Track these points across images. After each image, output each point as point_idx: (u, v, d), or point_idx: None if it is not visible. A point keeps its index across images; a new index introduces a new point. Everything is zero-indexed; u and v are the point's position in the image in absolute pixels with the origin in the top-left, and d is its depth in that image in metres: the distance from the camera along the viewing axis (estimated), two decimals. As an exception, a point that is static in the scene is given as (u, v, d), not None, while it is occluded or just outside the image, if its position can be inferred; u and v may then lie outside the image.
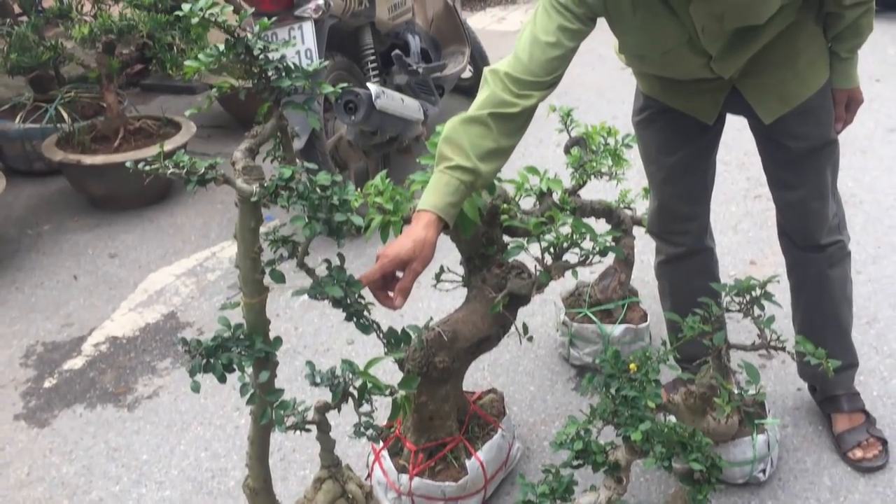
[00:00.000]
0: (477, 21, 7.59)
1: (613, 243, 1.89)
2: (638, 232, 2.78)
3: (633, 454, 1.68)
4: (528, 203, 2.28)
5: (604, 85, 5.52)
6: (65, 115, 4.31)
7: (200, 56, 1.46)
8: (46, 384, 2.78)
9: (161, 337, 3.00)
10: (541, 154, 4.50)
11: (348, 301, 1.55)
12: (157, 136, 4.07)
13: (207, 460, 2.38)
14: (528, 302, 2.06)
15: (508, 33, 7.01)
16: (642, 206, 2.81)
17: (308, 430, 1.84)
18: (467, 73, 5.29)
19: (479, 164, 1.74)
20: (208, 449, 2.43)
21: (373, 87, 3.27)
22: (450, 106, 5.29)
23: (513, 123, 1.81)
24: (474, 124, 1.78)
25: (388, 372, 2.53)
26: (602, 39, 2.17)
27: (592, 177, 2.57)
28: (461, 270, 2.20)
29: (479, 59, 5.13)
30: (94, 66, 3.85)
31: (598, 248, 1.87)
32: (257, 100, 1.50)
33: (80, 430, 2.54)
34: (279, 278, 1.54)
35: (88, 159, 3.84)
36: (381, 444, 2.18)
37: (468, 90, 5.42)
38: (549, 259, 1.96)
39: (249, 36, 1.42)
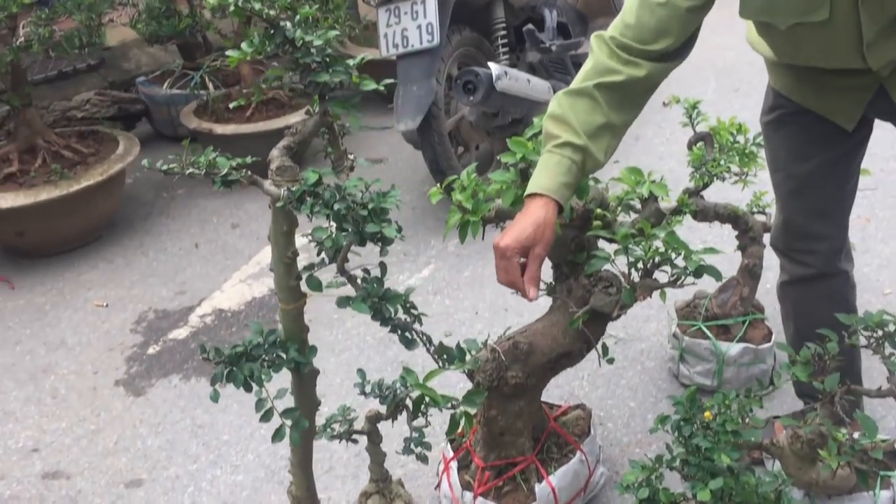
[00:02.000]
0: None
1: (709, 263, 1.64)
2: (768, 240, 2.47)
3: (705, 513, 1.46)
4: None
5: (770, 64, 5.04)
6: (208, 82, 4.41)
7: (243, 45, 1.36)
8: (150, 351, 2.84)
9: (264, 314, 3.00)
10: (658, 152, 4.15)
11: (385, 315, 1.41)
12: (288, 107, 4.09)
13: (283, 448, 2.33)
14: (613, 319, 1.85)
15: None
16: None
17: (356, 442, 1.75)
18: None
19: (588, 142, 1.57)
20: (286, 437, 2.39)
21: (494, 67, 3.09)
22: (596, 83, 5.01)
23: (619, 94, 1.61)
24: (580, 97, 1.61)
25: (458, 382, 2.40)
26: None
27: (717, 178, 2.29)
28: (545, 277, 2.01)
29: (629, 35, 4.80)
30: (230, 35, 3.90)
31: (690, 269, 1.63)
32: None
33: (171, 403, 2.58)
34: (316, 286, 1.42)
35: (220, 128, 3.91)
36: (452, 454, 2.05)
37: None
38: (635, 276, 1.74)
39: (288, 25, 1.30)
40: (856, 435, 1.69)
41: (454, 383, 2.47)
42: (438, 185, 1.92)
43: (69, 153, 3.55)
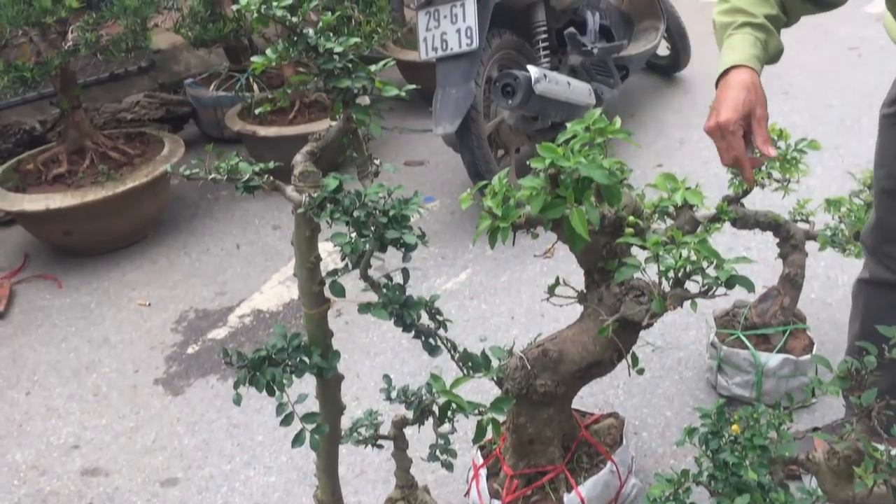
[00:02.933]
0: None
1: (741, 274, 1.60)
2: (812, 248, 2.41)
3: (732, 530, 1.42)
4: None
5: (824, 68, 4.93)
6: (254, 85, 4.47)
7: (268, 52, 1.37)
8: (189, 351, 2.88)
9: (300, 315, 3.01)
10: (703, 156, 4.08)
11: (407, 322, 1.40)
12: (330, 110, 4.11)
13: (315, 450, 2.36)
14: (644, 328, 1.82)
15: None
16: (822, 220, 2.44)
17: (381, 447, 1.75)
18: (664, 51, 4.93)
19: (766, 21, 1.58)
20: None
21: (533, 70, 3.07)
22: (642, 86, 4.96)
23: None
24: None
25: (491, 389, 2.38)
26: (832, 13, 1.85)
27: (757, 184, 2.24)
28: (576, 283, 1.99)
29: (676, 36, 4.75)
30: (274, 39, 3.94)
31: (721, 279, 1.59)
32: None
33: (208, 403, 2.61)
34: (339, 292, 1.41)
35: (263, 130, 3.95)
36: (482, 461, 2.04)
37: (665, 69, 5.06)
38: (666, 285, 1.70)
39: (311, 32, 1.30)
40: (894, 452, 1.63)
41: (487, 389, 2.45)
42: (469, 190, 1.91)
43: (116, 154, 3.62)
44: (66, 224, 3.43)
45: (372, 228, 1.28)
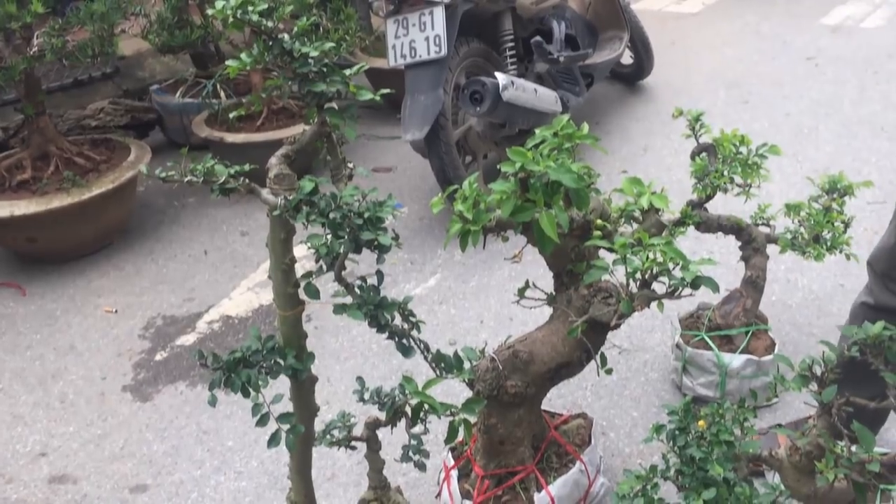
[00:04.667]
0: (654, 2, 7.18)
1: (706, 275, 1.64)
2: (772, 251, 2.48)
3: (699, 524, 1.46)
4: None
5: (783, 77, 5.04)
6: (221, 92, 4.45)
7: (242, 56, 1.39)
8: (158, 357, 2.87)
9: (271, 321, 3.02)
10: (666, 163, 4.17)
11: (381, 322, 1.42)
12: (298, 116, 4.12)
13: (286, 455, 2.32)
14: (612, 329, 1.86)
15: (686, 15, 6.56)
16: (782, 224, 2.50)
17: (354, 449, 1.76)
18: (628, 60, 5.01)
19: None
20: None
21: (501, 78, 3.11)
22: (607, 94, 5.04)
23: None
24: None
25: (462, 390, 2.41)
26: (790, 25, 1.89)
27: (719, 189, 2.30)
28: (545, 286, 2.02)
29: (639, 45, 4.82)
30: (241, 45, 3.94)
31: (687, 280, 1.64)
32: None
33: (177, 409, 2.60)
34: (314, 294, 1.43)
35: (231, 137, 3.94)
36: (453, 462, 2.06)
37: (629, 78, 5.14)
38: (633, 286, 1.74)
39: (286, 37, 1.32)
40: (854, 447, 1.68)
41: (458, 392, 2.47)
42: (440, 195, 1.94)
43: (82, 160, 3.59)
44: (30, 231, 3.39)
45: (347, 230, 1.30)
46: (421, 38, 3.17)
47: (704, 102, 4.67)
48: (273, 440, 1.39)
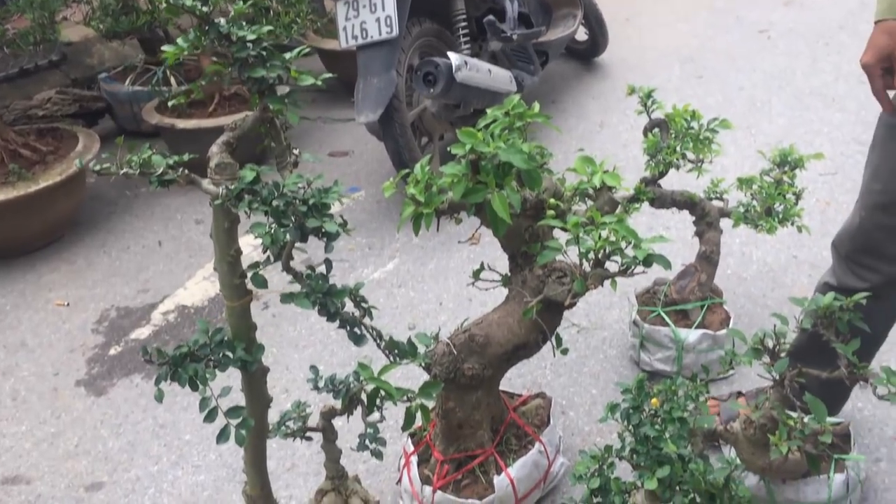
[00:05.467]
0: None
1: (659, 252, 1.64)
2: (727, 225, 2.49)
3: (655, 500, 1.46)
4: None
5: (736, 51, 5.07)
6: (171, 78, 4.36)
7: (179, 41, 1.34)
8: (112, 352, 2.81)
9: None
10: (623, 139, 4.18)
11: (331, 310, 1.40)
12: (251, 102, 4.05)
13: (245, 446, 2.33)
14: (567, 308, 1.85)
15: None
16: (736, 198, 2.51)
17: (310, 440, 1.74)
18: (583, 37, 5.00)
19: None
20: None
21: (454, 58, 3.08)
22: (563, 72, 5.03)
23: None
24: None
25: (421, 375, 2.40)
26: (743, 1, 1.89)
27: (672, 165, 2.30)
28: (502, 268, 2.01)
29: (593, 21, 4.82)
30: (189, 30, 3.85)
31: (639, 258, 1.63)
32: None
33: (132, 403, 2.55)
34: (261, 283, 1.40)
35: (182, 123, 3.87)
36: (413, 448, 2.05)
37: (584, 55, 5.13)
38: (587, 265, 1.74)
39: (223, 21, 1.28)
40: (807, 419, 1.70)
41: (417, 376, 2.46)
42: (392, 178, 1.91)
43: (27, 152, 3.50)
44: (-25, 226, 3.30)
45: (292, 218, 1.27)
46: (372, 18, 3.12)
47: (659, 78, 4.68)
48: (222, 435, 1.36)
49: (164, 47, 1.36)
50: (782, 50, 4.99)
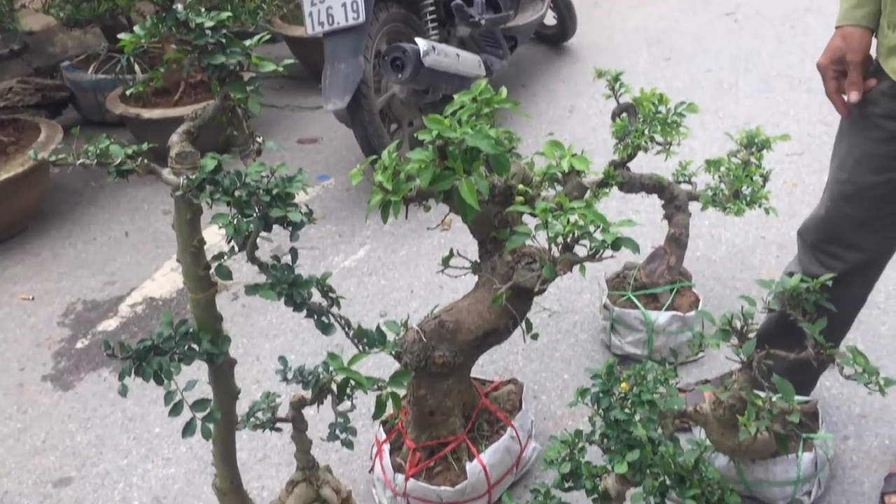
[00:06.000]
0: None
1: (627, 235, 1.64)
2: (696, 208, 2.50)
3: (625, 484, 1.47)
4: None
5: (703, 33, 5.08)
6: (136, 66, 4.30)
7: (136, 29, 1.31)
8: (79, 345, 2.77)
9: (196, 301, 2.94)
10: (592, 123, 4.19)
11: (297, 301, 1.38)
12: (212, 90, 3.99)
13: (216, 438, 2.31)
14: (537, 294, 1.85)
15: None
16: (703, 180, 2.52)
17: (280, 430, 1.72)
18: (552, 21, 4.99)
19: None
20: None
21: (422, 43, 3.05)
22: (532, 56, 5.02)
23: None
24: None
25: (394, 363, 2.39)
26: None
27: (640, 149, 2.30)
28: (474, 254, 2.00)
29: (562, 5, 4.80)
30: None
31: (608, 241, 1.63)
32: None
33: (100, 396, 2.52)
34: (226, 275, 1.38)
35: (147, 113, 3.81)
36: (385, 436, 2.04)
37: (553, 39, 5.12)
38: (556, 251, 1.73)
39: (180, 7, 1.26)
40: (775, 398, 1.71)
41: (389, 364, 2.45)
42: (359, 165, 1.90)
43: (-12, 144, 3.43)
44: (-64, 219, 3.24)
45: (255, 208, 1.25)
46: (338, 4, 3.09)
47: (628, 61, 4.69)
48: (188, 429, 1.35)
49: (121, 35, 1.33)
50: (749, 32, 5.01)
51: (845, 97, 1.72)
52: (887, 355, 2.40)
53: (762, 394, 1.66)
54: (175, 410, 1.33)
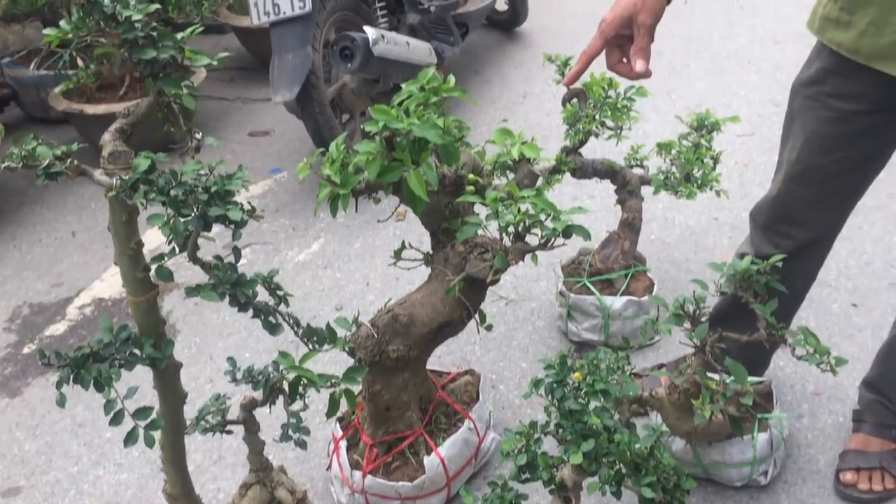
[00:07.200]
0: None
1: (578, 223, 1.62)
2: (647, 192, 2.50)
3: (581, 474, 1.46)
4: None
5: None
6: (79, 61, 4.18)
7: (62, 23, 1.26)
8: (25, 350, 2.70)
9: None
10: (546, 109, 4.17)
11: (241, 301, 1.34)
12: (146, 85, 3.90)
13: (170, 440, 2.26)
14: (490, 285, 1.83)
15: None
16: (655, 164, 2.52)
17: (231, 433, 1.69)
18: (503, 7, 4.96)
19: None
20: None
21: (370, 32, 3.01)
22: (485, 43, 4.99)
23: None
24: None
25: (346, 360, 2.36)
26: None
27: (592, 134, 2.29)
28: (427, 246, 1.98)
29: (513, -8, 4.78)
30: (94, 11, 3.69)
31: (559, 229, 1.61)
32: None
33: (49, 402, 2.45)
34: (166, 276, 1.34)
35: (91, 109, 3.71)
36: (341, 433, 2.01)
37: (505, 25, 5.10)
38: (508, 240, 1.71)
39: (107, 1, 1.21)
40: (729, 381, 1.71)
41: (345, 360, 2.41)
42: (306, 158, 1.86)
43: (-75, 145, 3.32)
44: None
45: (193, 207, 1.21)
46: (283, -6, 3.03)
47: (580, 45, 4.61)
48: (129, 438, 1.30)
49: (46, 31, 1.28)
50: (699, 14, 5.04)
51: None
52: (839, 332, 2.43)
53: (716, 377, 1.66)
54: (116, 420, 1.29)
